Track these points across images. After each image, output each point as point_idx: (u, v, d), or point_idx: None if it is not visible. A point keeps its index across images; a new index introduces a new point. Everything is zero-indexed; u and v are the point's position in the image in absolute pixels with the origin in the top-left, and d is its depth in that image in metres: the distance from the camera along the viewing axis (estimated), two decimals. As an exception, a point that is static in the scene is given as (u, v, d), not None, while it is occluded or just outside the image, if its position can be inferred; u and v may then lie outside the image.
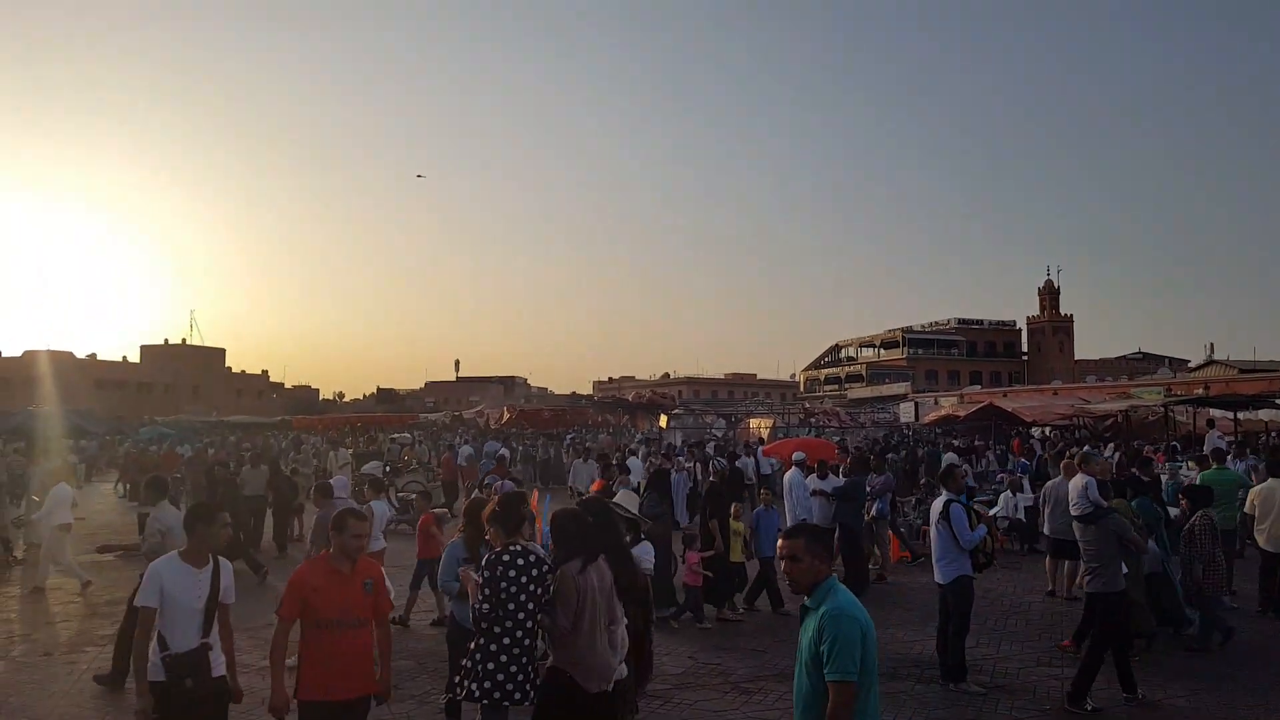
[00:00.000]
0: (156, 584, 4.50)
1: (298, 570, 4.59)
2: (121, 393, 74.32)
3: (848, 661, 3.32)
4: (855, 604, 3.45)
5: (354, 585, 4.50)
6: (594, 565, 4.57)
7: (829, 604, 3.45)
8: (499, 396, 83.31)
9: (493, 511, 5.01)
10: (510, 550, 4.62)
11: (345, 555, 4.52)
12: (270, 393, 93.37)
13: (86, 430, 25.56)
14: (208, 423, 52.24)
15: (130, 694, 7.11)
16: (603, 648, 4.49)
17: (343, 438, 36.90)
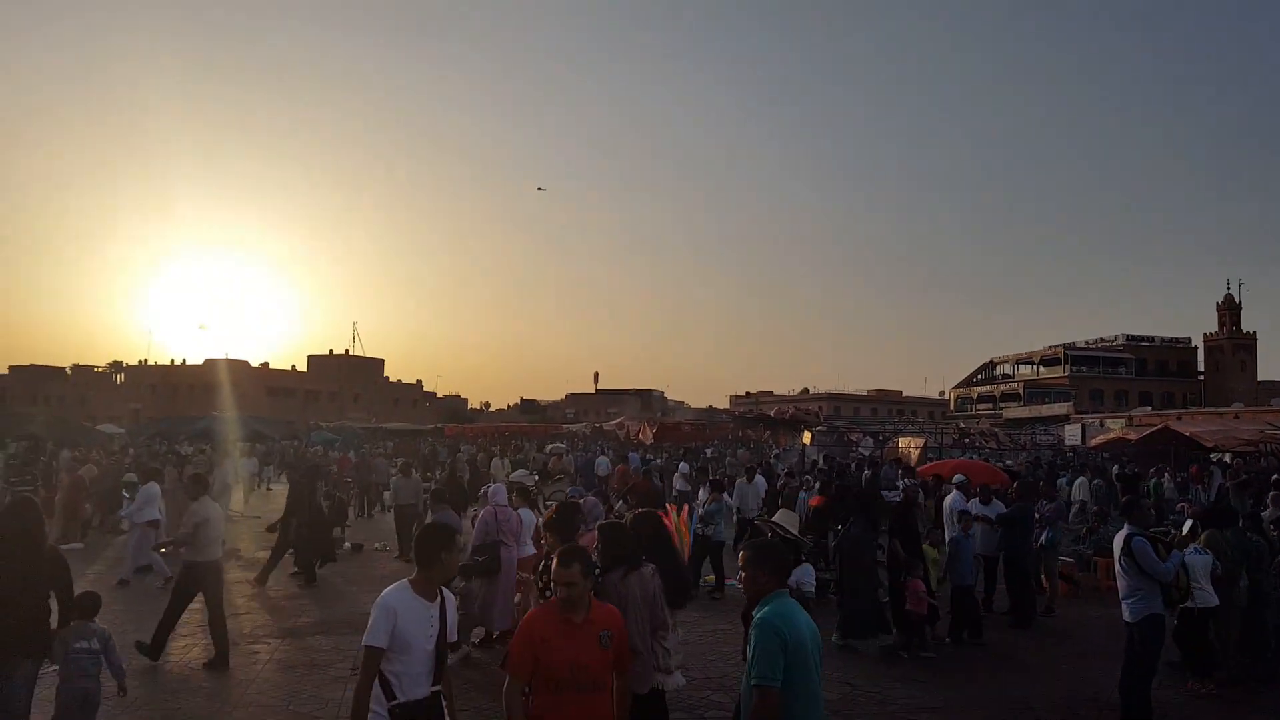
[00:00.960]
0: (389, 620, 3.78)
1: (527, 617, 3.96)
2: (290, 400, 79.97)
3: (766, 668, 3.49)
4: (784, 615, 3.61)
5: (588, 637, 3.77)
6: (636, 574, 4.83)
7: (757, 613, 3.70)
8: (636, 409, 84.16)
9: (550, 519, 5.48)
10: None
11: (570, 604, 3.79)
12: (424, 401, 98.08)
13: (264, 434, 27.55)
14: (367, 429, 55.31)
15: (303, 671, 7.60)
16: (643, 650, 4.73)
17: (492, 446, 38.28)
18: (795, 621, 3.64)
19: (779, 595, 3.78)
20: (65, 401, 77.58)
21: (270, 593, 12.02)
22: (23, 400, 78.64)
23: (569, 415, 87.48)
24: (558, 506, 5.77)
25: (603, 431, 45.38)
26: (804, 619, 3.74)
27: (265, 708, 7.09)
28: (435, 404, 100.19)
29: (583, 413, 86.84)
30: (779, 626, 3.58)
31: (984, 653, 9.44)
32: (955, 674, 8.56)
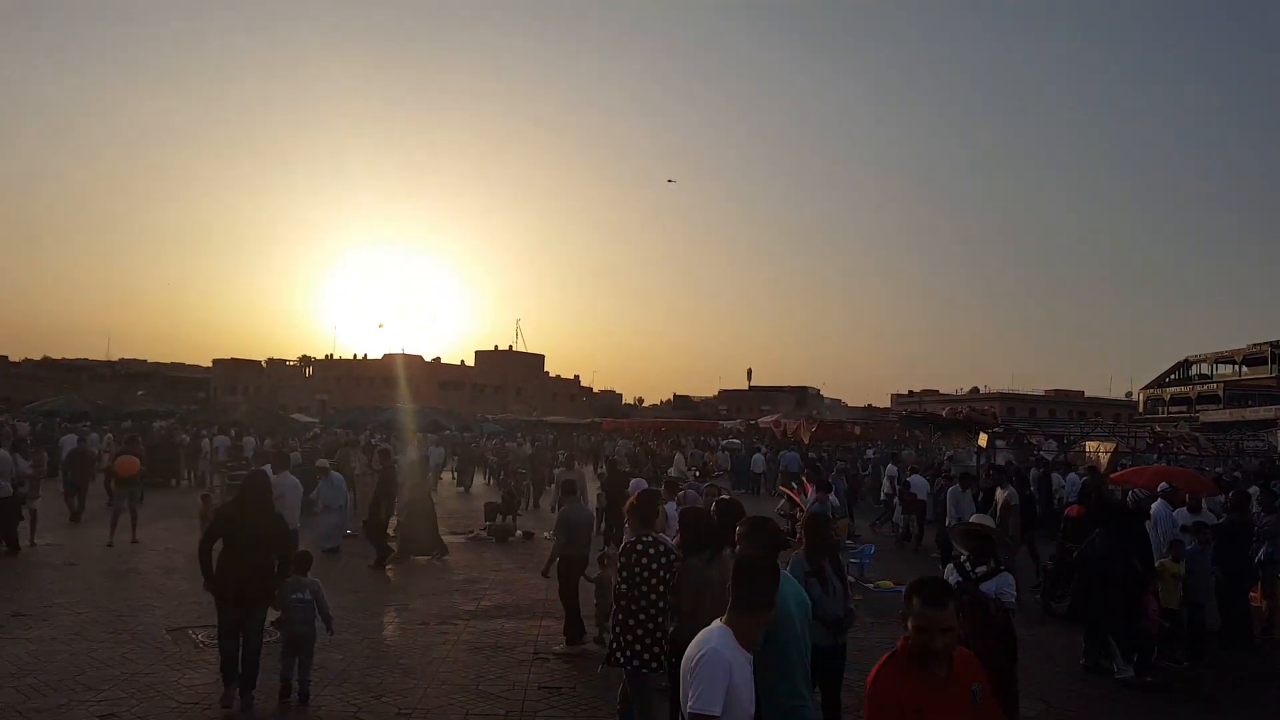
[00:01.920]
0: (725, 677, 2.98)
1: (880, 679, 3.08)
2: (460, 393, 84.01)
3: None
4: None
5: (960, 697, 3.05)
6: (719, 559, 4.93)
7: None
8: (791, 406, 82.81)
9: (630, 506, 5.77)
10: (644, 540, 5.43)
11: (925, 652, 3.03)
12: (581, 396, 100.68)
13: (442, 425, 29.09)
14: (529, 421, 57.35)
15: (488, 653, 7.91)
16: None
17: (647, 441, 38.76)
18: (782, 590, 3.80)
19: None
20: (261, 392, 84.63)
21: (452, 576, 12.61)
22: (224, 390, 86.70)
23: (722, 412, 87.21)
24: (640, 493, 6.05)
25: (758, 429, 44.98)
26: (790, 587, 4.01)
27: (457, 686, 7.41)
28: (592, 399, 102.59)
29: (735, 409, 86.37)
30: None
31: (1203, 675, 8.62)
32: (1174, 700, 7.85)
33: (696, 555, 5.02)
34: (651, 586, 5.27)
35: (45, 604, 9.76)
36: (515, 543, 15.92)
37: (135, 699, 6.75)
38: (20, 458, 13.97)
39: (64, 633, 8.60)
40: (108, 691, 6.89)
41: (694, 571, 4.93)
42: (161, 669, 7.57)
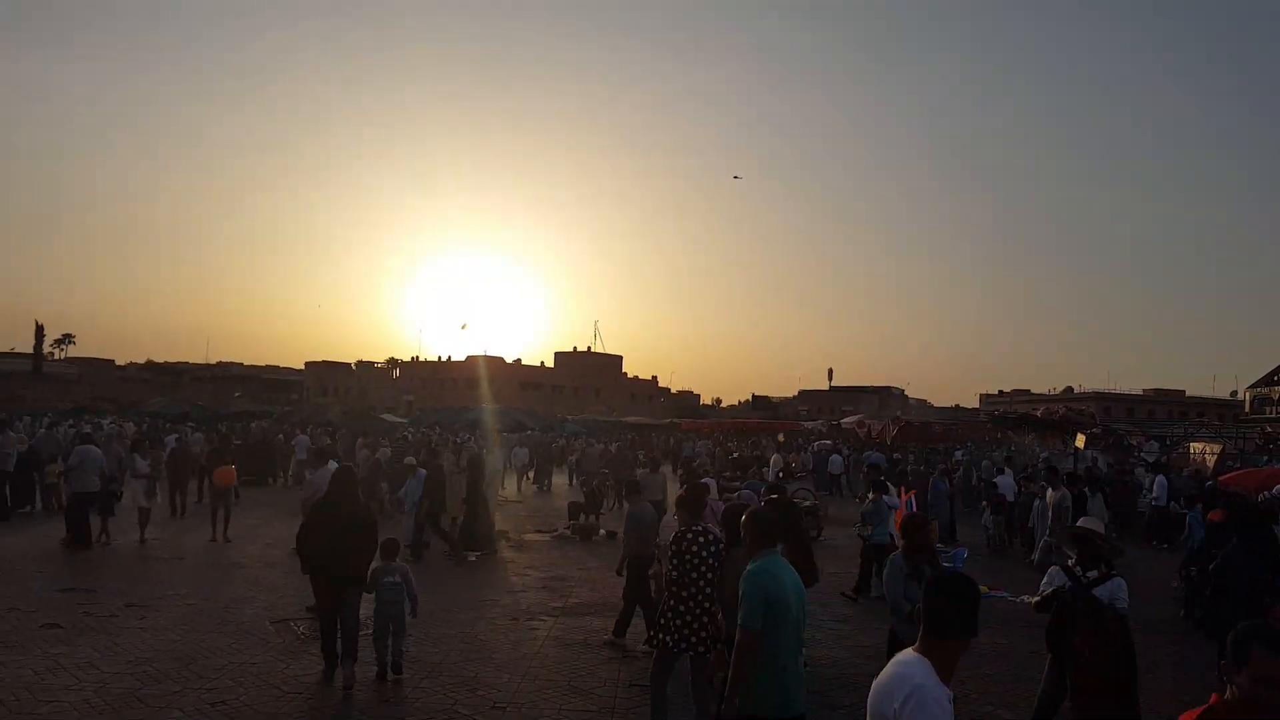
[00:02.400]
0: (945, 716, 2.60)
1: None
2: (540, 393, 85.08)
3: (749, 614, 4.09)
4: (769, 571, 4.20)
5: None
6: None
7: (749, 568, 4.27)
8: (874, 407, 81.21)
9: (680, 498, 6.18)
10: (693, 530, 5.76)
11: (1269, 710, 2.63)
12: (658, 397, 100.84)
13: (525, 425, 29.51)
14: (608, 422, 57.65)
15: (578, 649, 7.92)
16: None
17: (725, 441, 38.50)
18: (779, 577, 4.24)
19: (767, 554, 4.35)
20: (351, 393, 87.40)
21: (539, 573, 12.74)
22: (316, 392, 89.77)
23: (802, 413, 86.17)
24: (688, 487, 6.52)
25: (840, 429, 44.21)
26: (788, 576, 4.31)
27: (549, 682, 7.45)
28: (669, 399, 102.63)
29: (816, 410, 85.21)
30: (764, 580, 4.18)
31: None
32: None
33: (739, 548, 5.23)
34: (701, 574, 5.60)
35: (156, 595, 10.22)
36: (599, 541, 16.00)
37: (243, 687, 7.00)
38: (139, 458, 14.74)
39: (174, 623, 8.98)
40: (217, 680, 7.16)
41: (737, 563, 5.15)
42: (267, 659, 7.83)
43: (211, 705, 6.56)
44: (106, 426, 28.99)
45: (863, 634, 9.58)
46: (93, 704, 6.44)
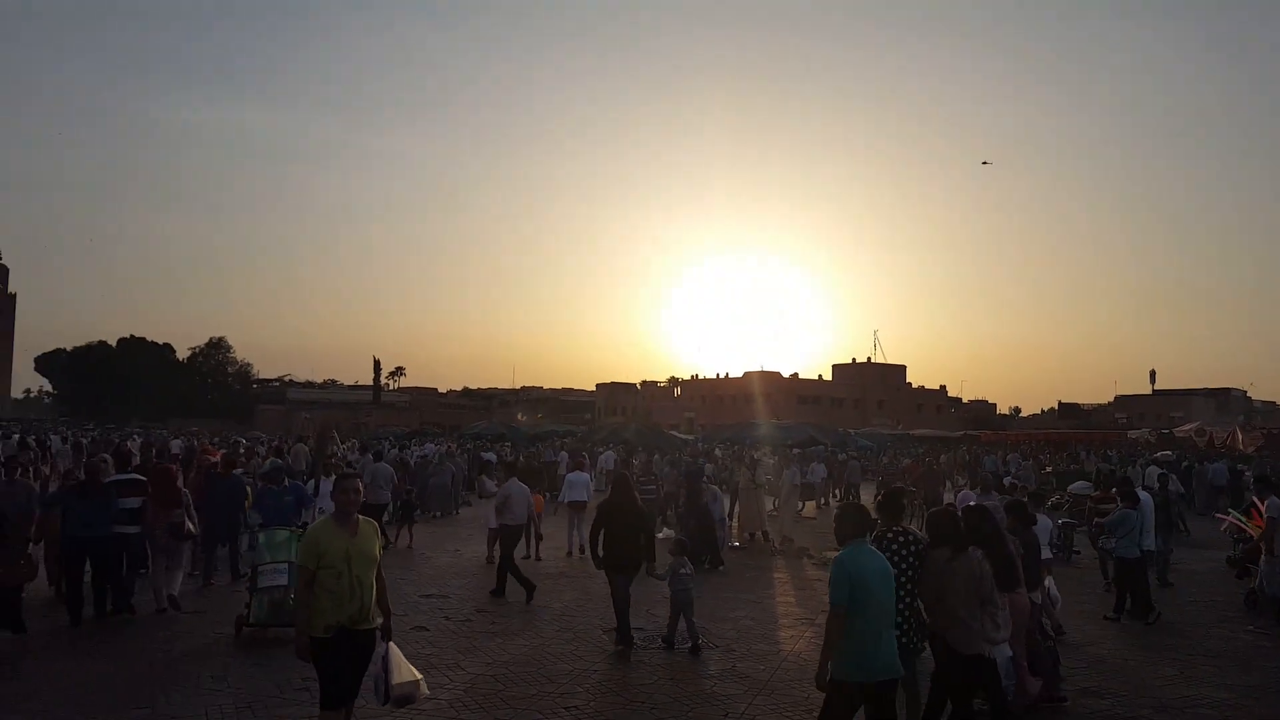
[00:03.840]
0: None
1: None
2: (817, 407, 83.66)
3: (835, 594, 4.90)
4: (854, 557, 4.96)
5: None
6: (963, 555, 5.77)
7: (838, 556, 5.08)
8: (1210, 411, 70.78)
9: (878, 502, 6.80)
10: (893, 531, 6.05)
11: None
12: (948, 407, 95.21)
13: (818, 440, 29.15)
14: (895, 435, 55.25)
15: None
16: (969, 619, 5.68)
17: (1036, 454, 35.23)
18: (861, 562, 4.96)
19: (855, 543, 5.08)
20: (636, 412, 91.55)
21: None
22: (606, 412, 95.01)
23: (1119, 420, 77.15)
24: (886, 492, 7.08)
25: (1172, 438, 38.88)
26: (873, 562, 5.01)
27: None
28: (960, 409, 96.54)
29: (1137, 416, 75.94)
30: (847, 564, 4.92)
31: None
32: None
33: (939, 549, 5.89)
34: (901, 570, 5.85)
35: (500, 603, 11.13)
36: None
37: (590, 694, 7.34)
38: (487, 479, 16.58)
39: (519, 628, 9.70)
40: (566, 685, 7.58)
41: (936, 563, 5.85)
42: (604, 666, 8.20)
43: (566, 709, 6.93)
44: (429, 448, 32.24)
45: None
46: (464, 702, 7.06)
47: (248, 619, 8.76)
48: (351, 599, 5.03)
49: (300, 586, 5.12)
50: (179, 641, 8.73)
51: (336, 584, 5.00)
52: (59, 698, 6.88)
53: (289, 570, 8.52)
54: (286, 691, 7.12)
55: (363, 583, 5.08)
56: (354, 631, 5.05)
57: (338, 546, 5.05)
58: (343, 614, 5.00)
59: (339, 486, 5.38)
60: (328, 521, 5.27)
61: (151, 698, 6.92)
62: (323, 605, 4.99)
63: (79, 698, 6.88)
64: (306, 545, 5.11)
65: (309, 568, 5.02)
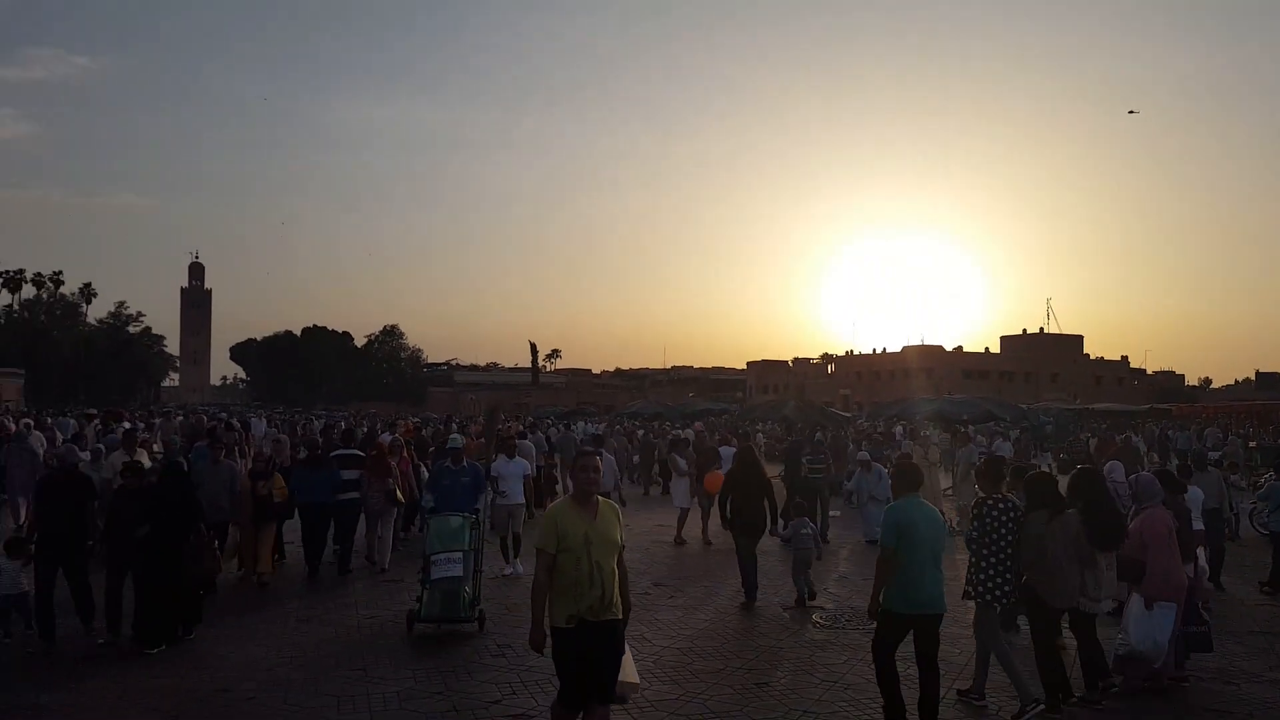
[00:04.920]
0: None
1: None
2: (984, 382, 79.54)
3: (886, 537, 5.82)
4: (903, 507, 5.85)
5: None
6: (1060, 517, 6.28)
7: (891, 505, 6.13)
8: None
9: (979, 471, 7.37)
10: (993, 498, 6.48)
11: None
12: (1131, 379, 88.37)
13: (994, 415, 27.67)
14: (1072, 410, 51.78)
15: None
16: (1068, 575, 6.24)
17: (1234, 427, 32.06)
18: (910, 512, 5.79)
19: (907, 496, 5.94)
20: (788, 390, 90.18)
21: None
22: (758, 390, 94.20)
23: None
24: (987, 460, 7.67)
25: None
26: (921, 513, 5.81)
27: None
28: (1144, 381, 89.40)
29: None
30: (897, 514, 5.81)
31: None
32: None
33: (1038, 512, 6.37)
34: (1000, 535, 6.31)
35: (676, 576, 11.26)
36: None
37: (780, 671, 7.28)
38: (678, 456, 16.38)
39: (697, 603, 9.77)
40: (752, 660, 7.55)
41: (1034, 526, 6.31)
42: (791, 644, 8.10)
43: (757, 685, 6.90)
44: (590, 426, 32.78)
45: None
46: (655, 673, 7.14)
47: (419, 613, 8.05)
48: (591, 586, 4.67)
49: (538, 571, 4.81)
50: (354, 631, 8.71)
51: (575, 570, 4.68)
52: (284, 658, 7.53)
53: (464, 560, 8.18)
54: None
55: (603, 569, 4.73)
56: (593, 623, 4.69)
57: (577, 529, 4.74)
58: (582, 603, 4.68)
59: (579, 465, 5.02)
60: (567, 502, 5.00)
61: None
62: (561, 593, 4.71)
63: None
64: (546, 527, 4.82)
65: (548, 551, 4.73)
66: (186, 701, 6.41)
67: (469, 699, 6.49)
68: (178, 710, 6.24)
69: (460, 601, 8.00)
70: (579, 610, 4.67)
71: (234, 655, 7.49)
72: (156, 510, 7.76)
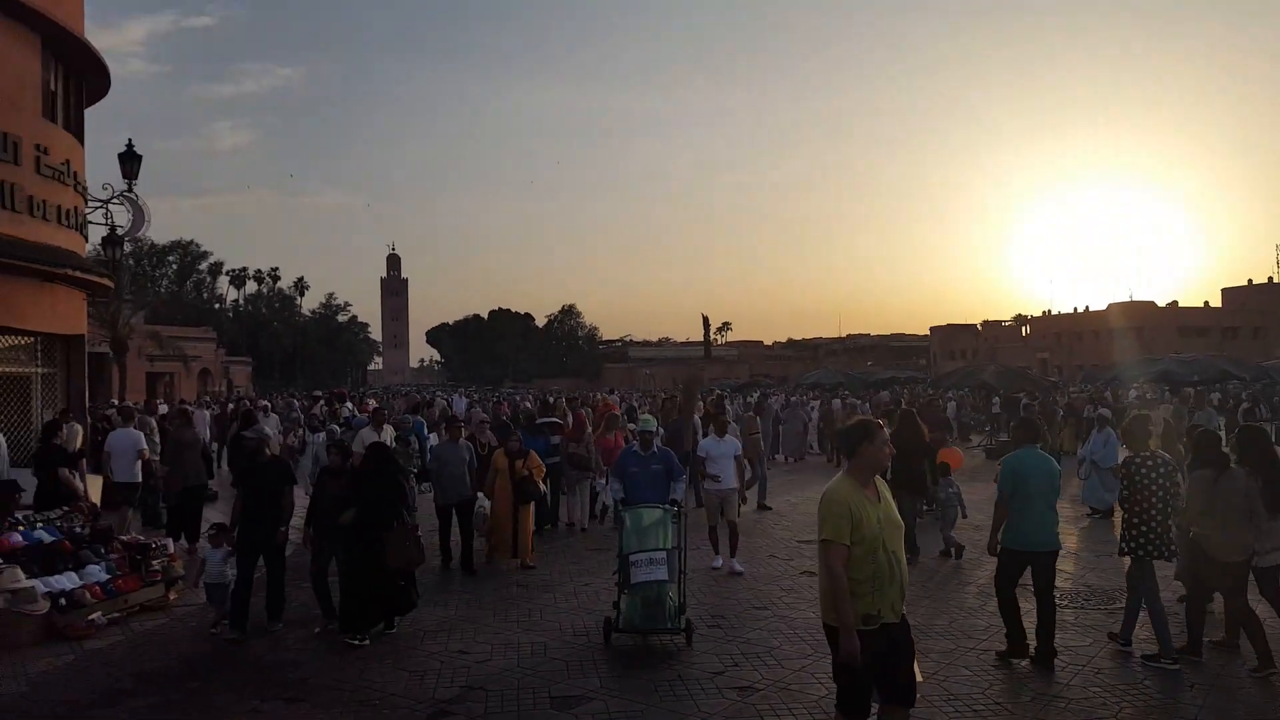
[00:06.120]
0: None
1: None
2: (1205, 340, 72.06)
3: (1003, 483, 6.53)
4: (1020, 457, 6.63)
5: None
6: (1225, 474, 6.43)
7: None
8: None
9: (1124, 429, 7.24)
10: (1141, 455, 6.69)
11: None
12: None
13: (1230, 374, 25.00)
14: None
15: None
16: (1234, 530, 6.29)
17: None
18: (1026, 461, 6.55)
19: (1026, 447, 6.73)
20: (976, 355, 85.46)
21: None
22: (942, 356, 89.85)
23: None
24: (1132, 418, 7.34)
25: None
26: (1036, 462, 6.56)
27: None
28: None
29: None
30: (1013, 463, 6.58)
31: None
32: None
33: (1205, 470, 6.51)
34: (1152, 493, 6.48)
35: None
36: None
37: (959, 652, 6.78)
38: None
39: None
40: (985, 640, 7.07)
41: (1202, 481, 6.46)
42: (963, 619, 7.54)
43: (994, 669, 6.45)
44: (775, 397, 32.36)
45: None
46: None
47: (617, 622, 7.03)
48: (892, 581, 4.07)
49: (833, 566, 4.03)
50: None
51: (873, 563, 4.03)
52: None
53: (668, 560, 7.04)
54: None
55: (899, 559, 4.14)
56: (893, 623, 4.09)
57: (869, 514, 4.09)
58: (883, 600, 4.05)
59: (875, 440, 4.23)
60: (849, 482, 4.20)
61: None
62: (861, 590, 4.03)
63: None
64: (836, 514, 4.07)
65: (841, 543, 4.03)
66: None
67: (691, 669, 6.45)
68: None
69: (665, 609, 6.95)
70: (879, 609, 4.04)
71: (439, 652, 6.96)
72: (361, 493, 7.55)
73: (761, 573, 9.64)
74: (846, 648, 3.96)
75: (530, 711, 5.76)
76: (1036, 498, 6.38)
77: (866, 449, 4.20)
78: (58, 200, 13.42)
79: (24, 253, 12.25)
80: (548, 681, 6.29)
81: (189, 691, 6.23)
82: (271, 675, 6.57)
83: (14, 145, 12.38)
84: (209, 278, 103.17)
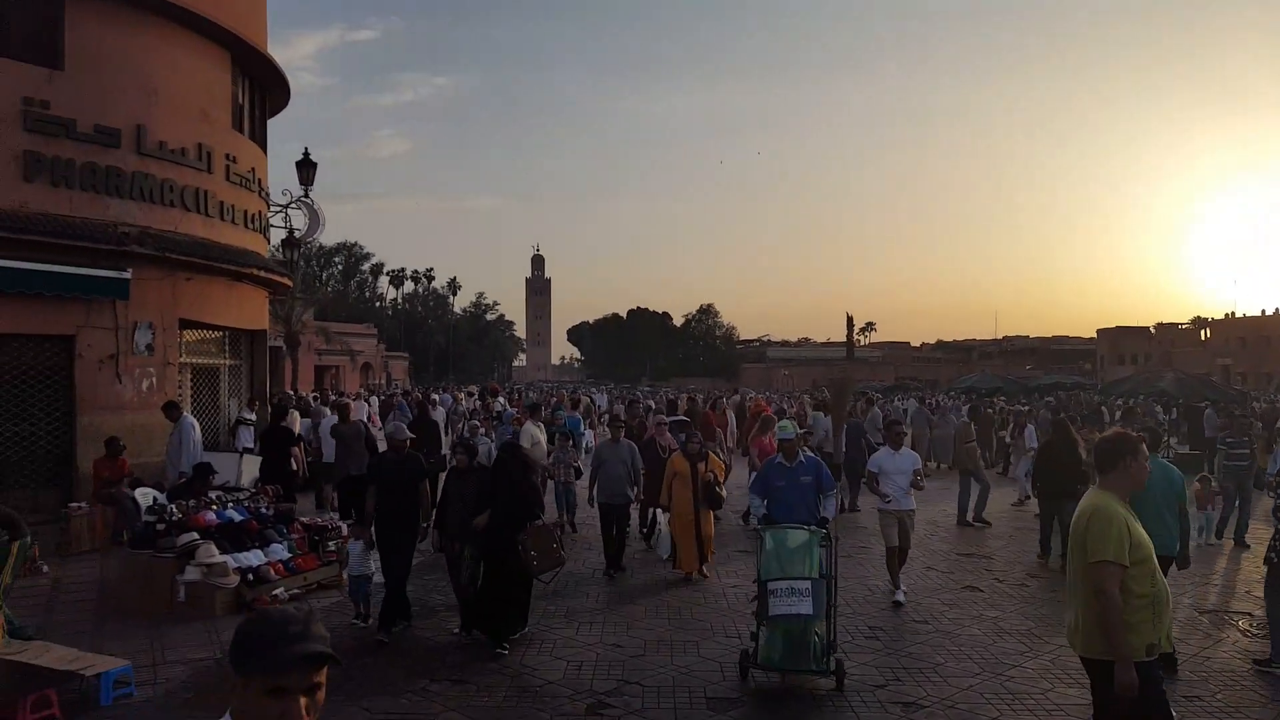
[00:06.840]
0: None
1: None
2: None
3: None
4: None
5: None
6: None
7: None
8: None
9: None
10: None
11: None
12: None
13: None
14: None
15: None
16: None
17: None
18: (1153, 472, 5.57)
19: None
20: (1150, 359, 79.30)
21: None
22: (1111, 360, 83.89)
23: None
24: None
25: None
26: (1156, 469, 6.13)
27: None
28: None
29: None
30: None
31: None
32: None
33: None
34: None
35: (1010, 560, 10.15)
36: None
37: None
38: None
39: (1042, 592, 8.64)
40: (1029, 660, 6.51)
41: None
42: (1200, 646, 6.87)
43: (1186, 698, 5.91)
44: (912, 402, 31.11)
45: None
46: (1050, 675, 6.40)
47: (754, 656, 6.19)
48: (1166, 606, 3.74)
49: (1112, 592, 3.61)
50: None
51: (1151, 586, 3.68)
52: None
53: (813, 591, 6.04)
54: None
55: (1164, 582, 3.80)
56: (1165, 654, 3.92)
57: (1139, 532, 3.71)
58: (1161, 628, 3.71)
59: (1140, 455, 3.89)
60: (1113, 497, 3.81)
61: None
62: (1140, 618, 3.64)
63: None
64: (1117, 533, 3.66)
65: (1119, 563, 3.63)
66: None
67: (850, 680, 6.21)
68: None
69: (811, 649, 6.01)
70: (1157, 638, 3.69)
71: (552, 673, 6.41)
72: (492, 493, 7.27)
73: (919, 585, 9.22)
74: (1125, 679, 3.57)
75: (686, 711, 5.73)
76: (1155, 503, 6.47)
77: (1131, 464, 3.86)
78: (245, 206, 14.50)
79: (217, 254, 13.30)
80: (703, 682, 6.25)
81: (364, 666, 6.56)
82: (437, 657, 6.83)
83: (208, 155, 13.45)
84: (370, 278, 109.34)
